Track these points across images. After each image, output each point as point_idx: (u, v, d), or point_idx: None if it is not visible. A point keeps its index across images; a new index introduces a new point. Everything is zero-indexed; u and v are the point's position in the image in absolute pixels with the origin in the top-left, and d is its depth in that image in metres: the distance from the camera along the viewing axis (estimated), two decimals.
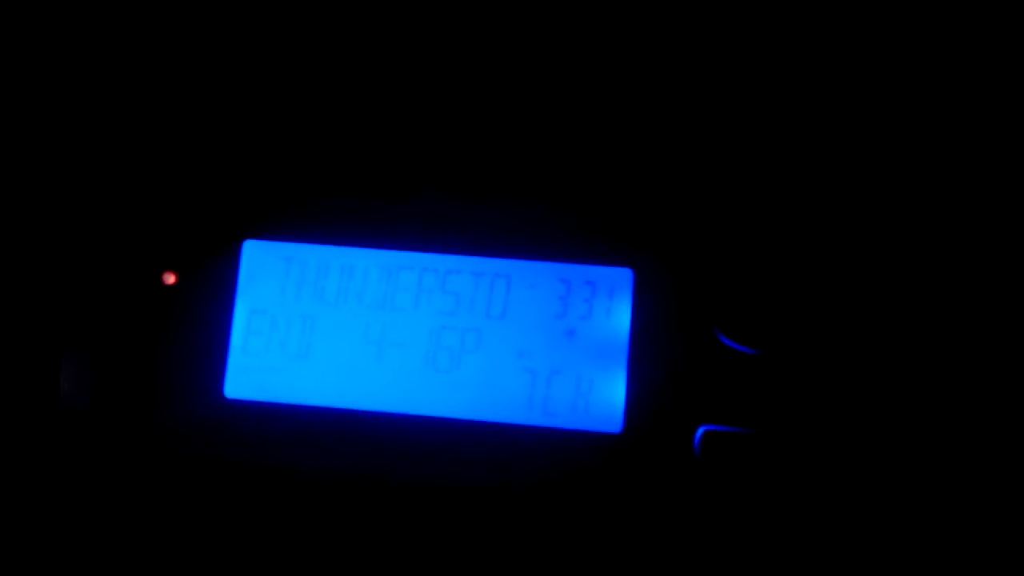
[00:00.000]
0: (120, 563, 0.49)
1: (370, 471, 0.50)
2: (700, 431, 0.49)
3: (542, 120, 0.52)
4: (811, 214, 0.50)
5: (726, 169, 0.51)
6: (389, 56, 0.52)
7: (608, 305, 0.51)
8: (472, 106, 0.52)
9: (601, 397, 0.50)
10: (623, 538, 0.49)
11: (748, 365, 0.49)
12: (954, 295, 0.49)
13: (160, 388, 0.51)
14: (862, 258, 0.49)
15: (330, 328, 0.51)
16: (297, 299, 0.52)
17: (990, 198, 0.49)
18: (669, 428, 0.49)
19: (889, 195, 0.50)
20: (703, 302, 0.50)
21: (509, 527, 0.49)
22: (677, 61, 0.51)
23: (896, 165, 0.50)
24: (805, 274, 0.49)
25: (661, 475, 0.49)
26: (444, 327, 0.51)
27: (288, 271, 0.52)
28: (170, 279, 0.52)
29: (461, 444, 0.50)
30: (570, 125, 0.52)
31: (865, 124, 0.50)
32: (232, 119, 0.53)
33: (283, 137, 0.52)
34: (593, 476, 0.49)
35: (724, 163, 0.51)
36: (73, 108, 0.52)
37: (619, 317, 0.50)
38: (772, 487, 0.48)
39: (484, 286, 0.51)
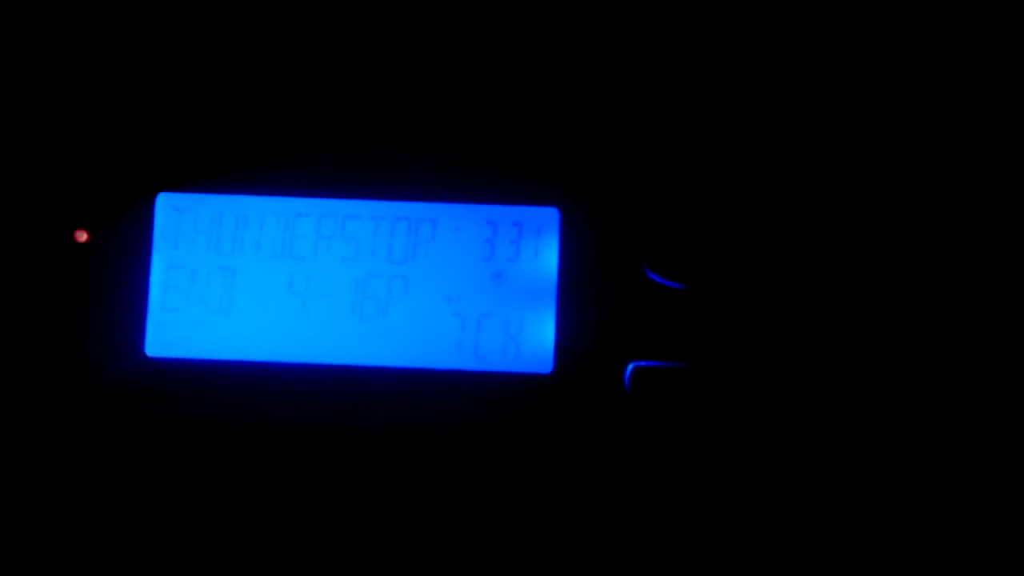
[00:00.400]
0: (45, 526, 0.48)
1: (300, 424, 0.49)
2: (630, 367, 0.49)
3: (465, 61, 0.51)
4: (734, 145, 0.50)
5: (650, 105, 0.50)
6: (309, 6, 0.50)
7: (535, 246, 0.50)
8: (393, 48, 0.51)
9: (531, 338, 0.50)
10: (557, 478, 0.49)
11: (677, 300, 0.49)
12: (864, 219, 0.49)
13: (80, 348, 0.50)
14: (784, 188, 0.49)
15: (252, 280, 0.50)
16: (216, 252, 0.50)
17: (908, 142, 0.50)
18: (600, 366, 0.49)
19: (818, 131, 0.50)
20: (630, 239, 0.50)
21: (444, 472, 0.49)
22: (608, 7, 0.50)
23: (820, 101, 0.50)
24: (731, 207, 0.49)
25: (593, 413, 0.49)
26: (369, 275, 0.50)
27: (205, 223, 0.50)
28: (83, 236, 0.50)
29: (392, 392, 0.49)
30: (492, 65, 0.51)
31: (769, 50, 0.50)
32: (139, 71, 0.51)
33: (196, 88, 0.51)
34: (526, 417, 0.49)
35: (647, 98, 0.50)
36: None
37: (546, 257, 0.50)
38: (703, 420, 0.49)
39: (409, 231, 0.50)
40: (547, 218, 0.50)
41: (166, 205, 0.50)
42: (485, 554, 0.48)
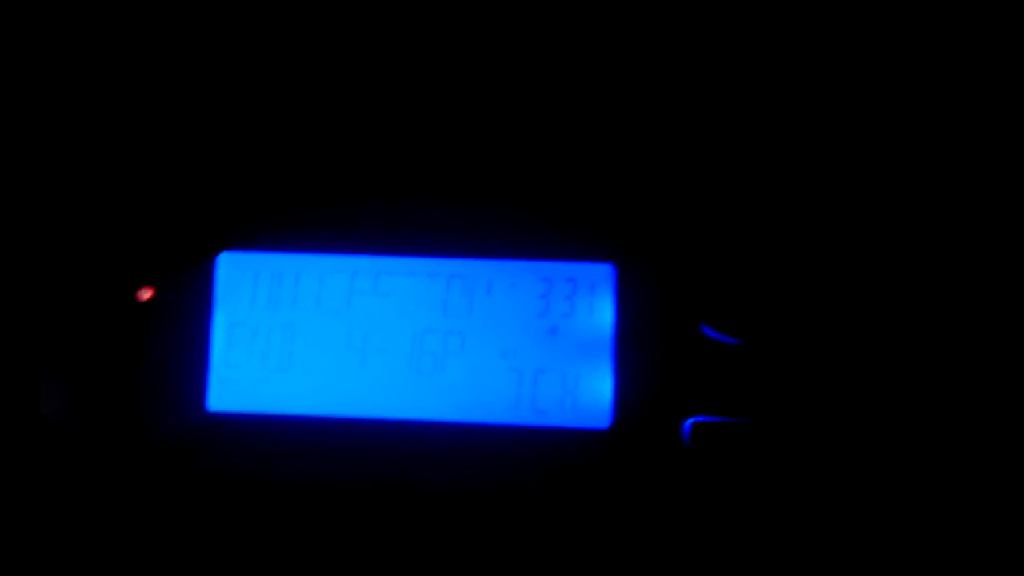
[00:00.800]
0: None
1: (358, 478, 0.49)
2: (689, 423, 0.49)
3: (519, 119, 0.51)
4: (793, 202, 0.50)
5: (706, 161, 0.51)
6: (359, 62, 0.52)
7: (590, 301, 0.50)
8: (449, 107, 0.52)
9: (588, 393, 0.50)
10: (616, 534, 0.48)
11: (734, 356, 0.49)
12: (939, 282, 0.49)
13: (142, 404, 0.50)
14: (844, 244, 0.49)
15: (311, 337, 0.51)
16: (276, 309, 0.51)
17: (972, 186, 0.49)
18: (658, 421, 0.49)
19: (873, 185, 0.50)
20: (686, 294, 0.50)
21: (501, 528, 0.49)
22: (660, 59, 0.51)
23: (880, 157, 0.50)
24: (787, 262, 0.50)
25: (652, 469, 0.49)
26: (426, 330, 0.50)
27: (265, 281, 0.51)
28: (146, 294, 0.51)
29: (450, 447, 0.49)
30: (547, 123, 0.51)
31: (849, 117, 0.50)
32: (201, 133, 0.52)
33: (254, 147, 0.52)
34: (584, 472, 0.49)
35: (703, 154, 0.51)
36: (43, 125, 0.52)
37: (602, 313, 0.50)
38: (764, 476, 0.48)
39: (465, 288, 0.51)
40: (602, 274, 0.51)
41: (228, 263, 0.51)
42: None
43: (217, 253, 0.51)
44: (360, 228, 0.51)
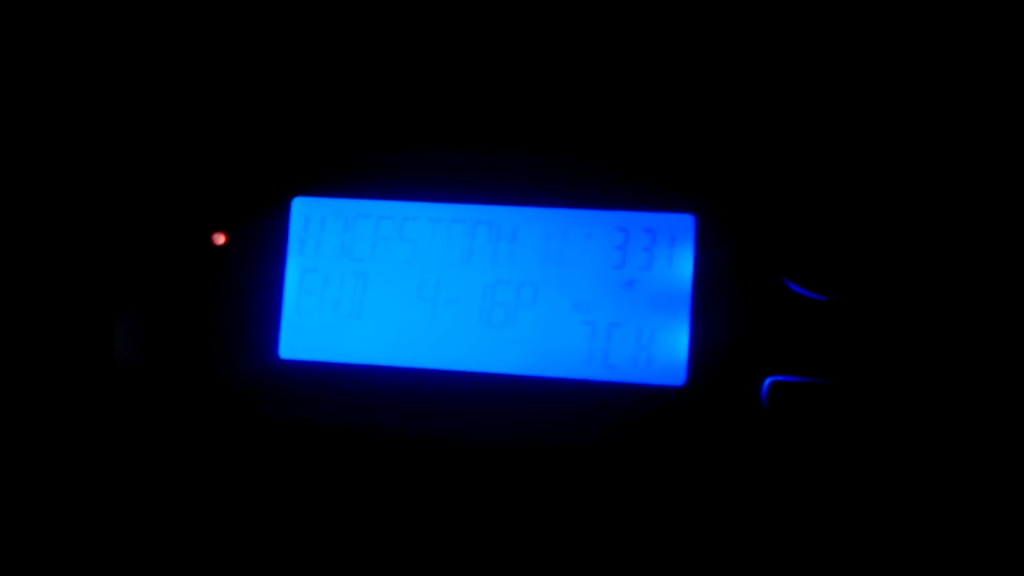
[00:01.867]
0: (180, 524, 0.49)
1: (428, 430, 0.49)
2: (767, 382, 0.47)
3: (598, 68, 0.49)
4: (885, 152, 0.47)
5: (791, 106, 0.48)
6: (437, 10, 0.50)
7: (669, 253, 0.49)
8: (527, 56, 0.50)
9: (663, 349, 0.48)
10: (689, 495, 0.47)
11: (817, 313, 0.47)
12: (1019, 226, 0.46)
13: (214, 350, 0.51)
14: (933, 201, 0.46)
15: (383, 285, 0.50)
16: (349, 256, 0.51)
17: None
18: (735, 380, 0.48)
19: (961, 144, 0.47)
20: (769, 248, 0.48)
21: (572, 485, 0.48)
22: (743, 10, 0.48)
23: (968, 118, 0.47)
24: (878, 215, 0.47)
25: (727, 429, 0.47)
26: (498, 281, 0.49)
27: (339, 227, 0.51)
28: (220, 239, 0.51)
29: (519, 401, 0.49)
30: (627, 72, 0.49)
31: (938, 68, 0.47)
32: (274, 77, 0.51)
33: (329, 90, 0.51)
34: (656, 430, 0.48)
35: (788, 99, 0.48)
36: (119, 76, 0.52)
37: (681, 266, 0.48)
38: (844, 440, 0.46)
39: (539, 237, 0.49)
40: (682, 225, 0.49)
41: (301, 209, 0.51)
42: (612, 569, 0.47)
43: (291, 198, 0.51)
44: (436, 176, 0.50)
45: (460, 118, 0.50)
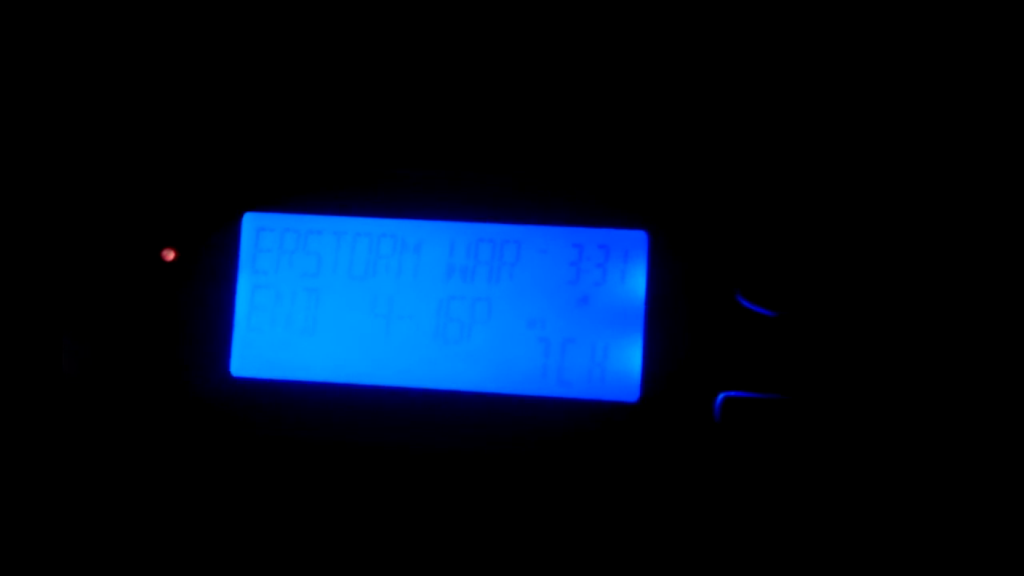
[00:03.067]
0: (127, 543, 0.49)
1: (382, 447, 0.49)
2: (720, 397, 0.47)
3: (550, 82, 0.50)
4: (831, 170, 0.48)
5: (741, 126, 0.49)
6: (388, 22, 0.50)
7: (623, 269, 0.49)
8: (479, 70, 0.50)
9: (617, 365, 0.48)
10: (643, 510, 0.47)
11: (770, 328, 0.48)
12: (982, 253, 0.47)
13: (164, 368, 0.50)
14: (885, 214, 0.47)
15: (336, 302, 0.50)
16: (301, 272, 0.50)
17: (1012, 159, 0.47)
18: (688, 395, 0.48)
19: (911, 154, 0.47)
20: (721, 264, 0.48)
21: (526, 500, 0.48)
22: (692, 20, 0.49)
23: (918, 125, 0.48)
24: (829, 231, 0.47)
25: (681, 444, 0.48)
26: (453, 297, 0.49)
27: (291, 243, 0.50)
28: (170, 255, 0.50)
29: (473, 417, 0.49)
30: (579, 86, 0.49)
31: (892, 82, 0.48)
32: (225, 91, 0.51)
33: (279, 105, 0.51)
34: (610, 446, 0.48)
35: (740, 118, 0.49)
36: (65, 89, 0.51)
37: (634, 282, 0.49)
38: (796, 455, 0.47)
39: (493, 253, 0.49)
40: (635, 241, 0.49)
41: (252, 224, 0.50)
42: None
43: (242, 213, 0.51)
44: (387, 191, 0.50)
45: (414, 135, 0.50)
